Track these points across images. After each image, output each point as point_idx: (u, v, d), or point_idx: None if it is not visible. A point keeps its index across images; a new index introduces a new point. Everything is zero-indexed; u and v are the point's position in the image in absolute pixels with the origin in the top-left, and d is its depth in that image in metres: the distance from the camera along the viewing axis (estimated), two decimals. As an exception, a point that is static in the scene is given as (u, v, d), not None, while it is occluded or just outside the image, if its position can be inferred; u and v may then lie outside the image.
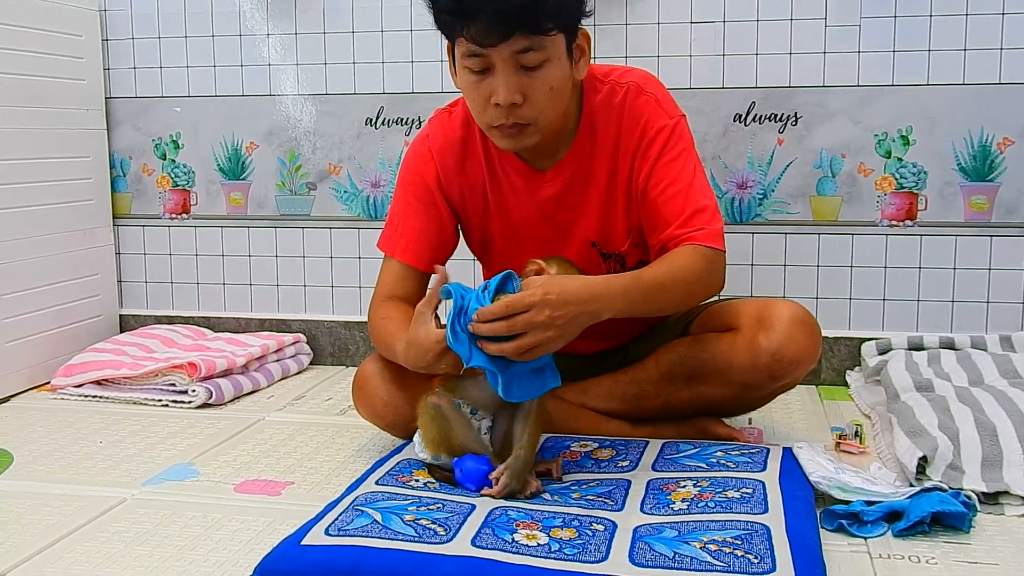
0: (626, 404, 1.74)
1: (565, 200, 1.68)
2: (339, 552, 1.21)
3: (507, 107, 1.49)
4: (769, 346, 1.59)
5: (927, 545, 1.34)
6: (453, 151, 1.70)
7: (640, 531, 1.28)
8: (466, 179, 1.71)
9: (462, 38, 1.47)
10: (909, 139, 2.18)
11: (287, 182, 2.49)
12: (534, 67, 1.48)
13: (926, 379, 1.88)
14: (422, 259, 1.71)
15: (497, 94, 1.48)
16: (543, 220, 1.70)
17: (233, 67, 2.47)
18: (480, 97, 1.52)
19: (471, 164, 1.70)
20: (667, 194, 1.60)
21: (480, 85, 1.50)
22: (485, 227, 1.74)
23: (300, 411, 2.08)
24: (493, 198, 1.71)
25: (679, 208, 1.59)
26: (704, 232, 1.57)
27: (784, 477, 1.46)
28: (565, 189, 1.67)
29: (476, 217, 1.74)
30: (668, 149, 1.61)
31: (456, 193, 1.72)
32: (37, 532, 1.42)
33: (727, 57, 2.23)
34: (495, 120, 1.52)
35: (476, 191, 1.71)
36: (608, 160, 1.65)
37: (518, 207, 1.70)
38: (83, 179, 2.46)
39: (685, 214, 1.58)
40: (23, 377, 2.24)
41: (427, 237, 1.71)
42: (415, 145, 1.74)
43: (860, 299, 2.25)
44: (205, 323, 2.57)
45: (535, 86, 1.49)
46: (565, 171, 1.66)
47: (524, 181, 1.68)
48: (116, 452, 1.79)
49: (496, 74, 1.48)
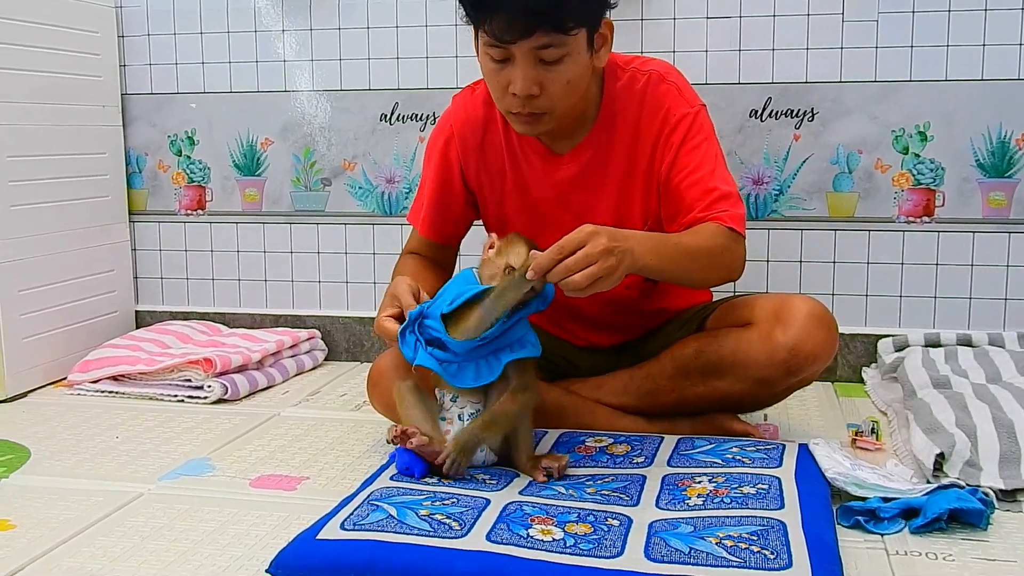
0: (641, 399, 1.74)
1: (581, 184, 1.68)
2: (355, 546, 1.21)
3: (524, 97, 1.51)
4: (786, 341, 1.58)
5: (945, 542, 1.33)
6: (474, 129, 1.72)
7: (655, 526, 1.28)
8: (485, 157, 1.73)
9: (483, 30, 1.48)
10: (927, 135, 2.17)
11: (302, 178, 2.50)
12: (553, 61, 1.49)
13: (943, 376, 1.86)
14: (439, 233, 1.81)
15: (515, 84, 1.50)
16: (560, 202, 1.70)
17: (248, 63, 2.48)
18: (499, 84, 1.54)
19: (491, 142, 1.72)
20: (690, 180, 1.61)
21: (500, 73, 1.52)
22: (502, 205, 1.76)
23: (315, 407, 2.08)
24: (512, 176, 1.72)
25: (702, 193, 1.60)
26: (728, 214, 1.58)
27: (800, 473, 1.45)
28: (581, 173, 1.68)
29: (494, 195, 1.75)
30: (690, 137, 1.62)
31: (474, 171, 1.74)
32: (55, 527, 1.43)
33: (743, 52, 2.22)
34: (512, 107, 1.55)
35: (495, 169, 1.73)
36: (626, 147, 1.65)
37: (537, 187, 1.71)
38: (99, 175, 2.47)
39: (709, 199, 1.59)
40: (40, 373, 2.25)
41: (442, 212, 1.79)
42: (440, 121, 1.80)
43: (877, 296, 2.24)
44: (220, 319, 2.57)
45: (553, 79, 1.51)
46: (582, 155, 1.67)
47: (542, 162, 1.69)
48: (132, 447, 1.80)
49: (515, 65, 1.50)
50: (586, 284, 1.32)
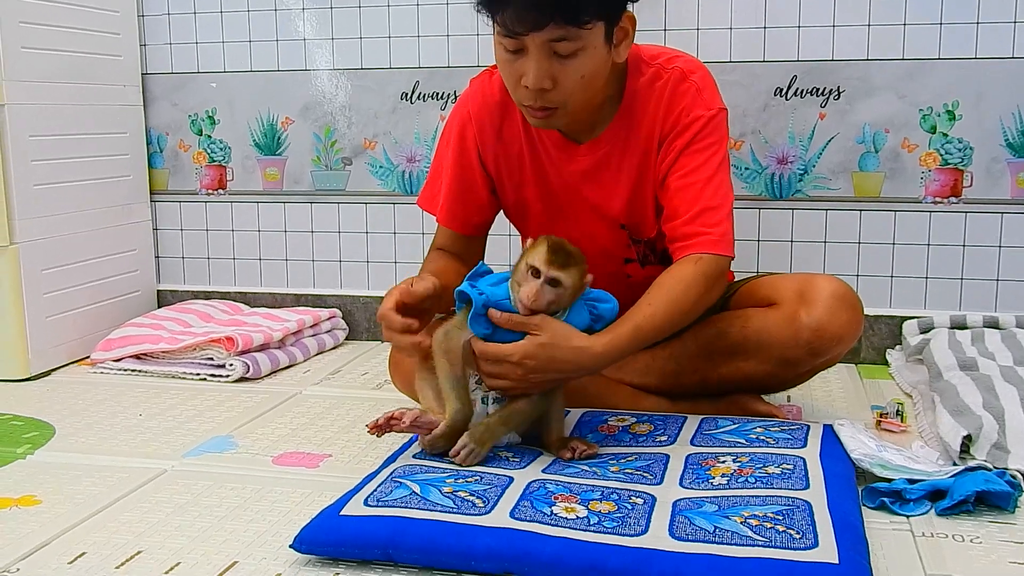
0: (663, 379, 1.73)
1: (595, 177, 1.66)
2: (378, 522, 1.21)
3: (536, 91, 1.48)
4: (810, 322, 1.57)
5: (971, 524, 1.32)
6: (492, 114, 1.69)
7: (680, 505, 1.27)
8: (503, 143, 1.70)
9: (497, 20, 1.46)
10: (955, 114, 2.14)
11: (323, 157, 2.49)
12: (567, 55, 1.46)
13: (970, 358, 1.85)
14: (463, 223, 1.75)
15: (527, 77, 1.47)
16: (575, 192, 1.69)
17: (268, 42, 2.47)
18: (512, 75, 1.51)
19: (509, 128, 1.69)
20: (682, 183, 1.58)
21: (513, 64, 1.50)
22: (520, 191, 1.73)
23: (336, 385, 2.08)
24: (531, 163, 1.70)
25: (691, 201, 1.56)
26: (710, 238, 1.54)
27: (825, 454, 1.44)
28: (597, 166, 1.66)
29: (512, 180, 1.73)
30: (698, 140, 1.58)
31: (491, 156, 1.71)
32: (80, 502, 1.43)
33: (768, 30, 2.19)
34: (524, 100, 1.53)
35: (512, 155, 1.71)
36: (643, 143, 1.63)
37: (555, 175, 1.69)
38: (120, 155, 2.47)
39: (695, 209, 1.56)
40: (63, 351, 2.26)
41: (464, 201, 1.74)
42: (457, 105, 1.75)
43: (902, 277, 2.21)
44: (241, 298, 2.58)
45: (567, 73, 1.48)
46: (599, 149, 1.65)
47: (559, 151, 1.67)
48: (155, 424, 1.81)
49: (528, 57, 1.47)
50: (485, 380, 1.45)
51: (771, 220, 1.62)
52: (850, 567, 1.09)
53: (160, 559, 1.24)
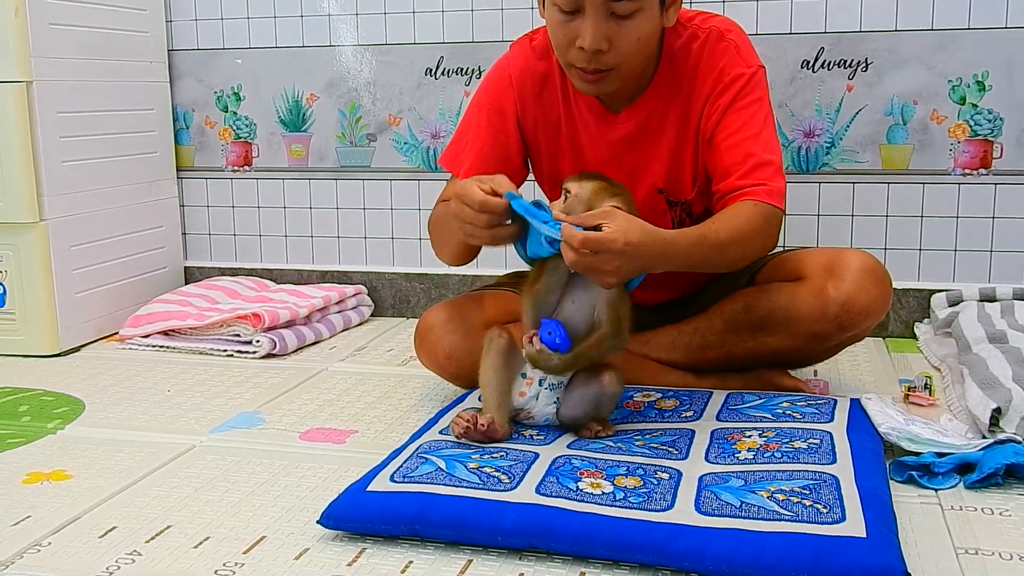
0: (689, 355, 1.72)
1: (636, 143, 1.65)
2: (405, 498, 1.22)
3: (591, 52, 1.47)
4: (838, 296, 1.56)
5: (1001, 497, 1.31)
6: (532, 80, 1.67)
7: (705, 480, 1.27)
8: (542, 110, 1.68)
9: None
10: (985, 85, 2.10)
11: (347, 134, 2.49)
12: (625, 16, 1.45)
13: (999, 330, 1.83)
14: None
15: (583, 38, 1.46)
16: (613, 161, 1.67)
17: (293, 18, 2.47)
18: (565, 37, 1.49)
19: (548, 96, 1.68)
20: (731, 141, 1.57)
21: (567, 25, 1.48)
22: (555, 161, 1.72)
23: (362, 361, 2.09)
24: (567, 133, 1.69)
25: (742, 157, 1.55)
26: (766, 188, 1.53)
27: (852, 428, 1.44)
28: (637, 132, 1.65)
29: (548, 150, 1.71)
30: (741, 97, 1.58)
31: (530, 123, 1.69)
32: (110, 476, 1.45)
33: (795, 2, 2.16)
34: (577, 61, 1.50)
35: (551, 123, 1.69)
36: (682, 105, 1.62)
37: (591, 146, 1.68)
38: (148, 132, 2.48)
39: (748, 165, 1.55)
40: (92, 327, 2.28)
41: (494, 162, 1.66)
42: (496, 69, 1.72)
43: (930, 250, 2.19)
44: (267, 275, 2.59)
45: (623, 34, 1.47)
46: (638, 114, 1.64)
47: (597, 120, 1.66)
48: (184, 400, 1.82)
49: (585, 17, 1.45)
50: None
51: (798, 194, 1.61)
52: (878, 541, 1.09)
53: (189, 533, 1.25)
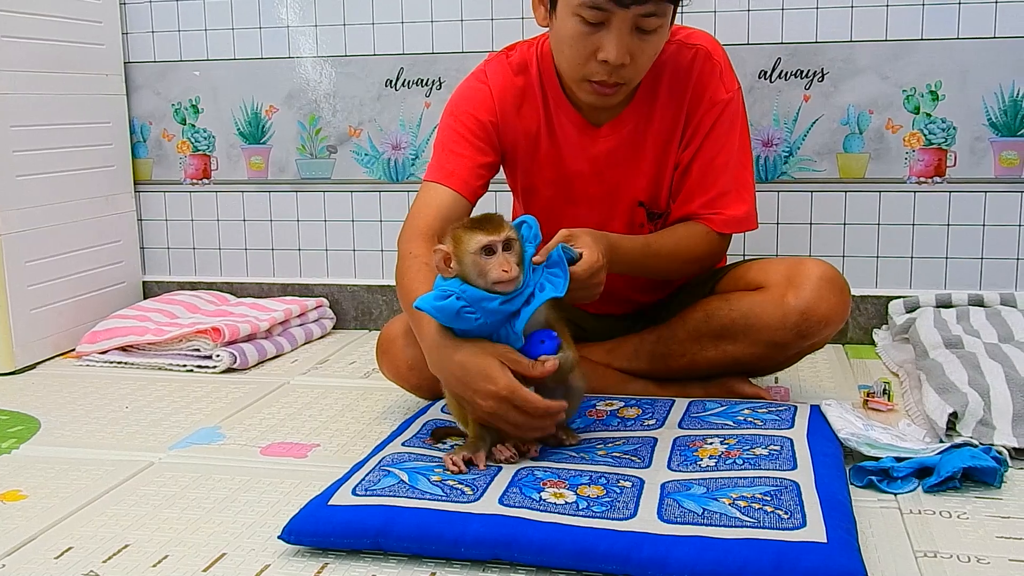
0: (652, 363, 1.73)
1: (618, 157, 1.66)
2: (367, 512, 1.21)
3: (613, 66, 1.48)
4: (798, 305, 1.57)
5: (958, 501, 1.33)
6: (512, 94, 1.67)
7: (668, 487, 1.27)
8: (522, 124, 1.68)
9: None
10: (938, 94, 2.14)
11: (307, 146, 2.48)
12: (649, 31, 1.47)
13: (955, 336, 1.85)
14: (468, 188, 1.62)
15: (607, 52, 1.46)
16: (595, 175, 1.68)
17: (252, 29, 2.46)
18: (585, 49, 1.49)
19: (527, 111, 1.67)
20: (703, 169, 1.63)
21: (589, 37, 1.48)
22: (532, 174, 1.72)
23: (324, 375, 2.08)
24: (547, 146, 1.68)
25: (709, 185, 1.63)
26: (721, 217, 1.64)
27: (812, 434, 1.45)
28: (619, 146, 1.66)
29: (525, 163, 1.71)
30: (720, 123, 1.62)
31: (510, 135, 1.68)
32: (66, 496, 1.43)
33: (752, 12, 2.19)
34: (594, 75, 1.51)
35: (529, 137, 1.68)
36: (668, 119, 1.64)
37: (571, 159, 1.68)
38: (104, 145, 2.45)
39: (712, 194, 1.63)
40: (48, 344, 2.25)
41: (475, 169, 1.63)
42: (471, 82, 1.69)
43: (887, 257, 2.22)
44: (228, 289, 2.57)
45: (643, 49, 1.49)
46: (622, 128, 1.65)
47: (579, 134, 1.66)
48: (142, 417, 1.80)
49: (610, 31, 1.46)
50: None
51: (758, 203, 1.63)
52: (838, 546, 1.10)
53: (148, 552, 1.24)
